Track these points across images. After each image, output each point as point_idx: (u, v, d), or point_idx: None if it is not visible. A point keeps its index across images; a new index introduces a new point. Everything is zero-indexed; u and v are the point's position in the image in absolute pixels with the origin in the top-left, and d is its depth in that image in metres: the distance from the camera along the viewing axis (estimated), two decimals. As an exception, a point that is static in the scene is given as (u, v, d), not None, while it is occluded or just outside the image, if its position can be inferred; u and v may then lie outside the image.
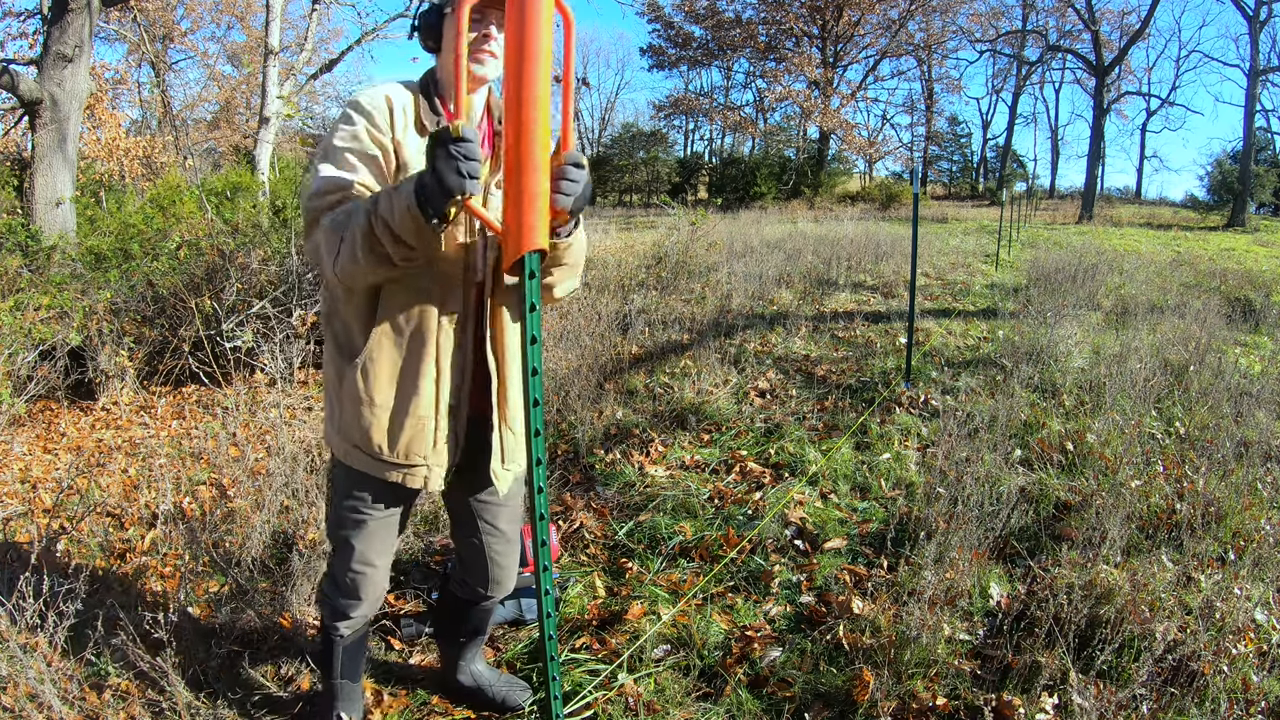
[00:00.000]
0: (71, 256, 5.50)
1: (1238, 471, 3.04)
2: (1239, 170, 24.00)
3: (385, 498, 1.58)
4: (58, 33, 6.08)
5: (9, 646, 1.65)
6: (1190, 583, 2.39)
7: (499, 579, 1.78)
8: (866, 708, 1.88)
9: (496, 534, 1.72)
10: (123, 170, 10.12)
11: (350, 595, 1.65)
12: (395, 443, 1.49)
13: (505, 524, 1.73)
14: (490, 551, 1.74)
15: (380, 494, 1.57)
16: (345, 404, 1.51)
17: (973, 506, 2.63)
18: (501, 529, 1.73)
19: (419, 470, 1.52)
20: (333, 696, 1.75)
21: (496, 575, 1.77)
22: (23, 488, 3.39)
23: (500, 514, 1.72)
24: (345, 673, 1.75)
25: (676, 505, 3.01)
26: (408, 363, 1.46)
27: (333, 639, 1.70)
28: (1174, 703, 1.86)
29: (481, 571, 1.77)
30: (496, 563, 1.75)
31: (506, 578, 1.80)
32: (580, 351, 4.71)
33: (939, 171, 40.60)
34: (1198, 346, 5.08)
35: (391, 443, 1.49)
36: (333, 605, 1.68)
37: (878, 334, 6.05)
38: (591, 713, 1.91)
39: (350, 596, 1.65)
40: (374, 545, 1.62)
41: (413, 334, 1.45)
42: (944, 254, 11.60)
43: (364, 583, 1.64)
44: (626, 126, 36.89)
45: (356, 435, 1.50)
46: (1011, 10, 32.43)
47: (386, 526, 1.62)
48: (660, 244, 8.92)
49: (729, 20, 32.36)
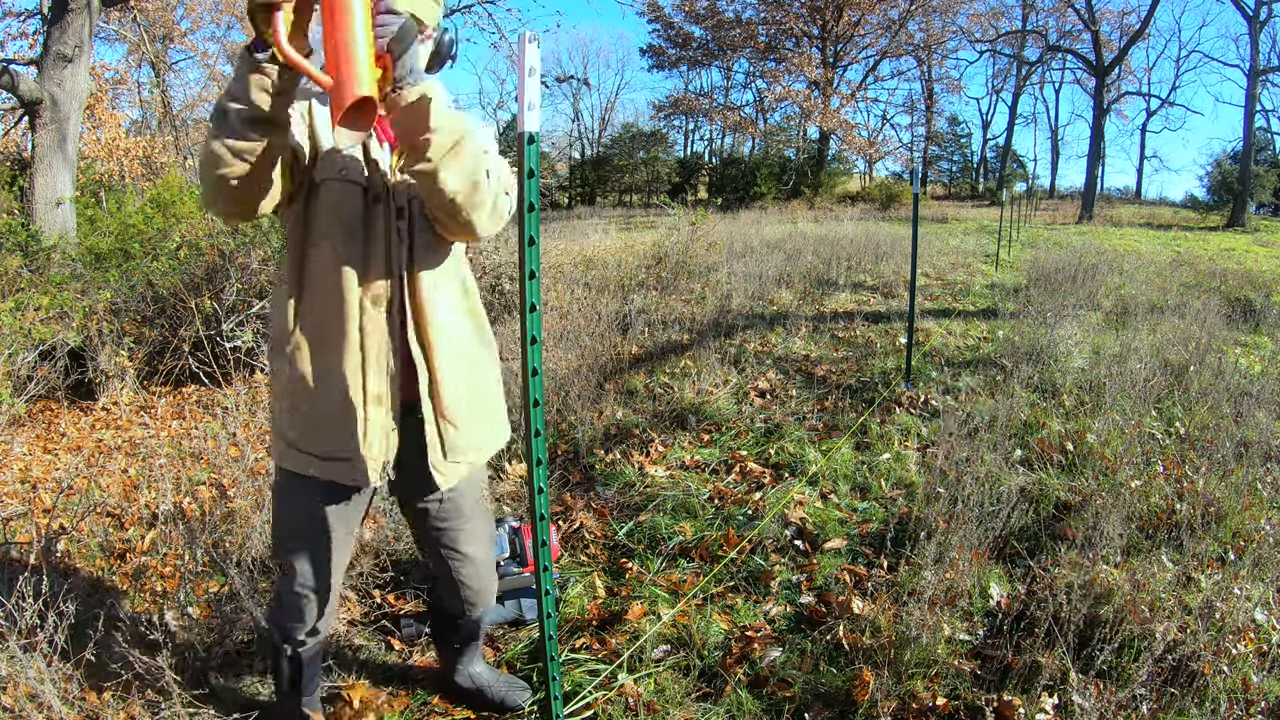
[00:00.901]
0: (71, 256, 5.50)
1: (1238, 471, 3.04)
2: (1239, 170, 23.99)
3: (321, 501, 1.51)
4: (58, 33, 6.08)
5: (9, 646, 1.64)
6: (1190, 583, 2.39)
7: (472, 600, 1.74)
8: (866, 708, 1.88)
9: (459, 557, 1.67)
10: (123, 170, 10.12)
11: (294, 618, 1.59)
12: (321, 434, 1.44)
13: (467, 546, 1.67)
14: (457, 576, 1.69)
15: (315, 498, 1.50)
16: (278, 398, 1.49)
17: (973, 506, 2.63)
18: (463, 552, 1.67)
19: (347, 464, 1.45)
20: (293, 709, 1.71)
21: (468, 597, 1.73)
22: (23, 488, 3.39)
23: (460, 537, 1.65)
24: (305, 687, 1.69)
25: (676, 505, 3.01)
26: (330, 349, 1.42)
27: (281, 659, 1.64)
28: (1174, 703, 1.86)
29: (453, 594, 1.74)
30: (466, 585, 1.71)
31: (480, 597, 1.76)
32: (580, 351, 4.71)
33: (939, 171, 40.61)
34: (1198, 346, 5.07)
35: (318, 434, 1.44)
36: (279, 626, 1.63)
37: (878, 334, 6.05)
38: (591, 713, 1.91)
39: (294, 619, 1.59)
40: (316, 562, 1.55)
41: (333, 319, 1.41)
42: (944, 254, 11.60)
43: (305, 604, 1.57)
44: (626, 126, 36.91)
45: (286, 429, 1.47)
46: (1011, 10, 32.46)
47: (328, 540, 1.54)
48: (660, 244, 8.92)
49: (729, 20, 32.37)
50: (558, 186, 33.42)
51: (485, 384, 1.61)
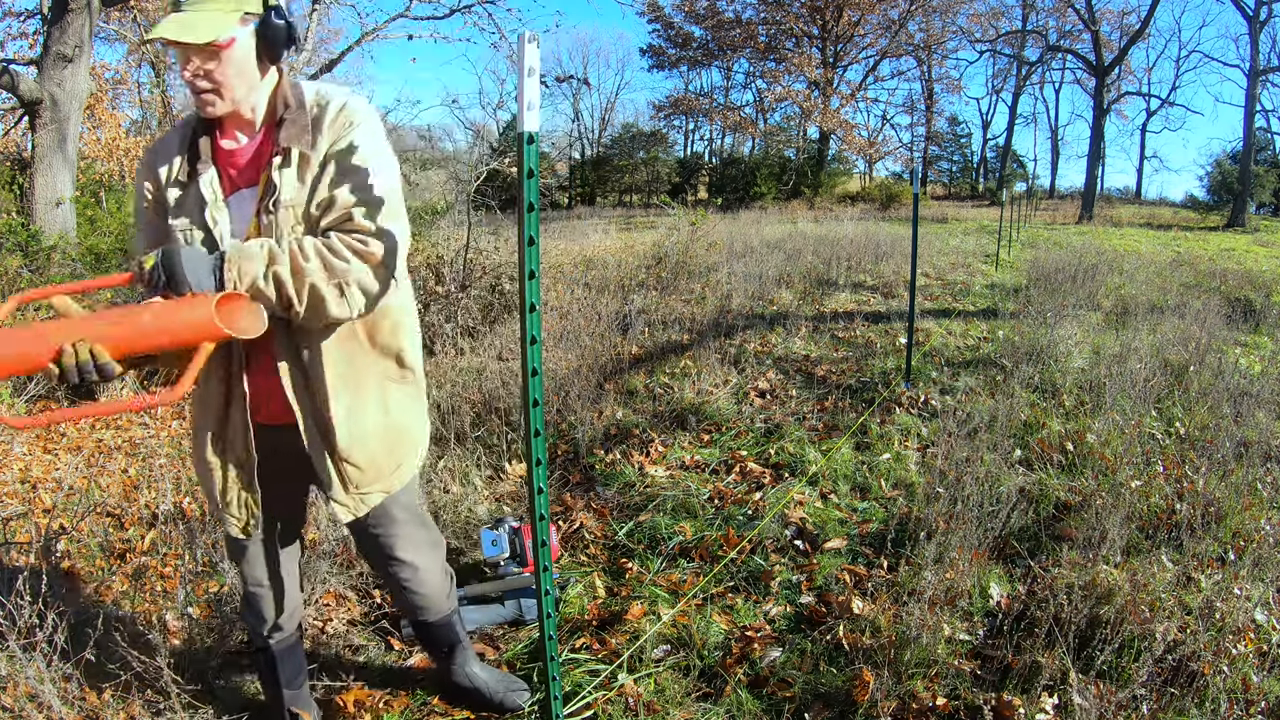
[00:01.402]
0: (71, 256, 5.51)
1: (1238, 471, 3.04)
2: (1239, 170, 24.00)
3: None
4: (58, 33, 6.08)
5: (9, 646, 1.64)
6: (1190, 583, 2.39)
7: (418, 604, 1.74)
8: (866, 708, 1.88)
9: (397, 563, 1.66)
10: (123, 170, 10.12)
11: (256, 616, 1.64)
12: (202, 484, 1.51)
13: (404, 552, 1.65)
14: (398, 580, 1.69)
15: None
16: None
17: (972, 506, 2.63)
18: (401, 558, 1.65)
19: (227, 517, 1.49)
20: (279, 704, 1.75)
21: (415, 601, 1.73)
22: (23, 488, 3.39)
23: (395, 543, 1.63)
24: (286, 682, 1.73)
25: (676, 505, 3.01)
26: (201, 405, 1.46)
27: (257, 655, 1.71)
28: (1174, 703, 1.86)
29: (401, 599, 1.74)
30: (410, 589, 1.70)
31: (429, 602, 1.75)
32: (580, 351, 4.71)
33: (939, 171, 40.61)
34: (1198, 346, 5.08)
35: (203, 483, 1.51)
36: (247, 622, 1.69)
37: (878, 334, 6.05)
38: (591, 713, 1.91)
39: (255, 616, 1.64)
40: (257, 567, 1.59)
41: (207, 378, 1.43)
42: (944, 254, 11.60)
43: (261, 602, 1.62)
44: (626, 126, 36.93)
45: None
46: (1011, 10, 32.46)
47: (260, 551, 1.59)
48: (660, 244, 8.93)
49: (729, 20, 32.38)
50: (558, 186, 33.41)
51: (398, 421, 1.56)
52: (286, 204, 1.33)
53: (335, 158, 1.34)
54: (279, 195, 1.32)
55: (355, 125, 1.36)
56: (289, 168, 1.33)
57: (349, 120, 1.36)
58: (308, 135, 1.34)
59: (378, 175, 1.34)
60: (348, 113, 1.37)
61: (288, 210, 1.33)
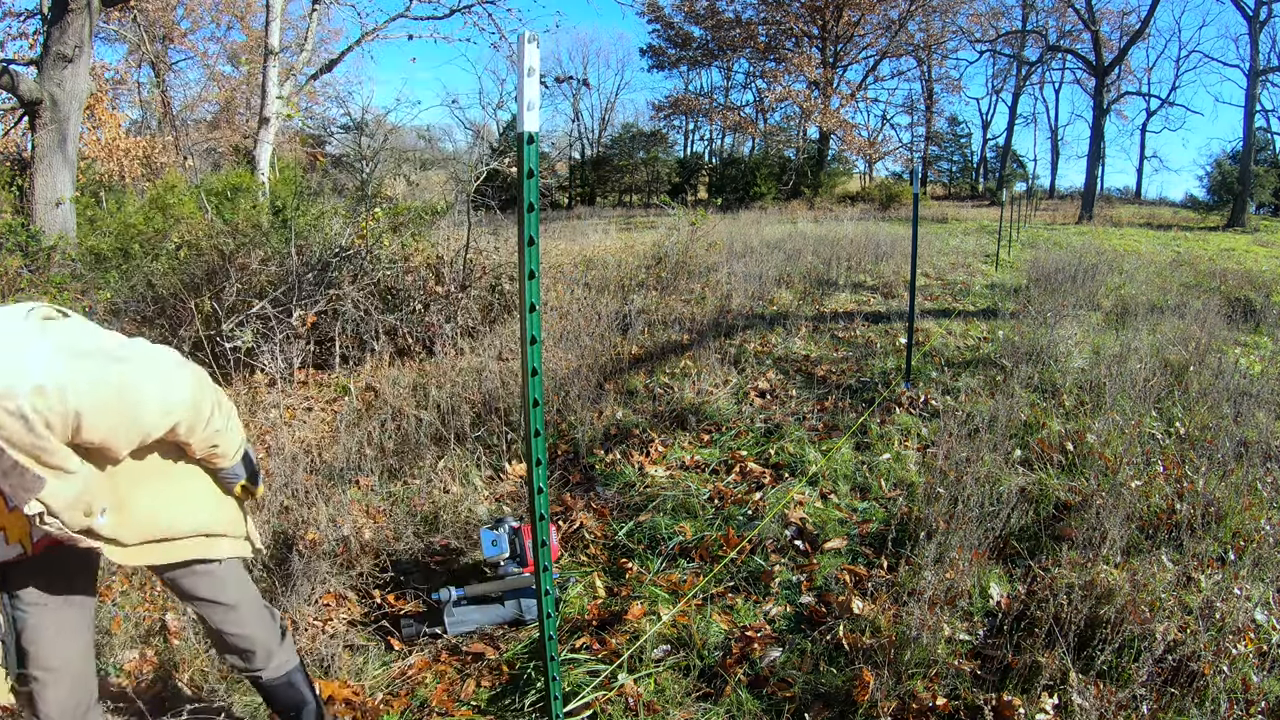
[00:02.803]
0: (71, 256, 5.51)
1: (1238, 471, 3.04)
2: (1239, 170, 23.98)
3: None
4: (58, 33, 6.08)
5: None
6: (1190, 583, 2.39)
7: (241, 647, 1.57)
8: (866, 708, 1.88)
9: (204, 604, 1.50)
10: (123, 170, 10.12)
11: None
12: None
13: (209, 592, 1.49)
14: (211, 624, 1.53)
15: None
16: None
17: (973, 506, 2.63)
18: (206, 598, 1.49)
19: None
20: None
21: (235, 645, 1.56)
22: None
23: (199, 583, 1.47)
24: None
25: (676, 505, 3.01)
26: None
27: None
28: (1174, 703, 1.86)
29: (220, 646, 1.58)
30: (227, 632, 1.54)
31: (252, 644, 1.58)
32: (580, 351, 4.71)
33: (939, 171, 40.58)
34: (1198, 346, 5.08)
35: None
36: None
37: (878, 334, 6.05)
38: (591, 713, 1.91)
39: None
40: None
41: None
42: (944, 254, 11.60)
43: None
44: (626, 127, 36.89)
45: None
46: (1011, 10, 32.41)
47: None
48: (660, 244, 8.92)
49: (729, 20, 32.37)
50: (558, 186, 33.42)
51: (177, 499, 1.39)
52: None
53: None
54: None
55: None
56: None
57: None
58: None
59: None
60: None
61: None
